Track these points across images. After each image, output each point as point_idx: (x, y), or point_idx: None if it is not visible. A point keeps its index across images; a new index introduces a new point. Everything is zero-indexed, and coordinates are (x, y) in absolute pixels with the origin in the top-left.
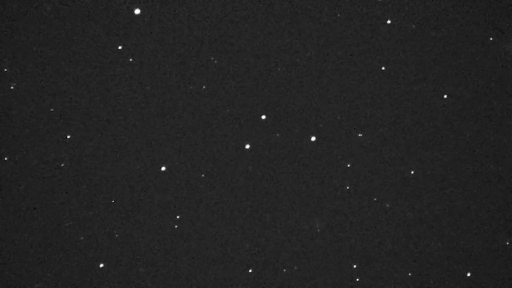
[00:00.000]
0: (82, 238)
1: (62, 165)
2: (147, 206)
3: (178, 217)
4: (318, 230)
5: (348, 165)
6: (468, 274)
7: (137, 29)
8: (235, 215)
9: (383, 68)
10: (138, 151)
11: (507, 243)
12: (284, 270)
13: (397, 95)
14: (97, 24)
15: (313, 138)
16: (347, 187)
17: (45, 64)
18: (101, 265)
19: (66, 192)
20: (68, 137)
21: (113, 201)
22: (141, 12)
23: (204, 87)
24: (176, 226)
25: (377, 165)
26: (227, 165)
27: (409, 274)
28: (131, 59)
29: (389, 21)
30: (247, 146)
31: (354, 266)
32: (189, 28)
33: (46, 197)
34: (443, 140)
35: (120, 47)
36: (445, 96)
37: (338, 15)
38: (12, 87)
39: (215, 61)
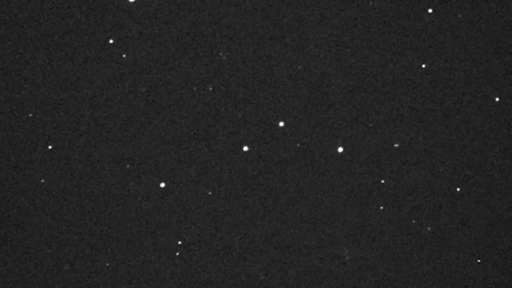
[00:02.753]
0: (66, 268)
1: (42, 181)
2: (143, 230)
3: (179, 242)
4: (347, 258)
5: (382, 181)
6: None
7: (132, 19)
8: (249, 242)
9: (423, 66)
10: (132, 163)
11: None
12: None
13: (440, 98)
14: (83, 13)
15: (340, 149)
16: (381, 207)
17: (21, 61)
18: None
19: (47, 214)
20: (50, 147)
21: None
22: None
23: (210, 88)
24: (177, 254)
25: (417, 181)
26: (238, 181)
27: None
28: (124, 55)
29: (430, 10)
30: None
31: None
32: (194, 18)
33: (23, 219)
34: (497, 151)
35: (111, 41)
36: (497, 99)
37: (370, 3)
38: None
39: (224, 57)
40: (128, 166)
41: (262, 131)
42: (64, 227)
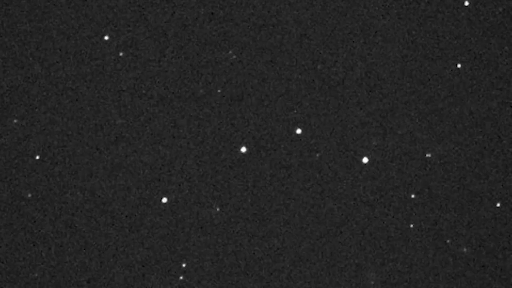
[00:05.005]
0: None
1: (29, 195)
2: (144, 250)
3: (184, 265)
4: (372, 283)
5: (412, 196)
6: None
7: (129, 13)
8: (261, 264)
9: (458, 66)
10: (132, 176)
11: None
12: None
13: (478, 101)
14: (77, 8)
15: (365, 160)
16: (411, 225)
17: (9, 60)
18: None
19: (34, 233)
20: (37, 157)
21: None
22: None
23: (219, 91)
24: (181, 278)
25: (451, 196)
26: (249, 195)
27: None
28: (121, 54)
29: (466, 3)
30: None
31: None
32: (200, 12)
33: (8, 239)
34: None
35: (106, 38)
36: None
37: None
38: None
39: (234, 56)
40: (128, 179)
41: (275, 138)
42: (54, 248)
